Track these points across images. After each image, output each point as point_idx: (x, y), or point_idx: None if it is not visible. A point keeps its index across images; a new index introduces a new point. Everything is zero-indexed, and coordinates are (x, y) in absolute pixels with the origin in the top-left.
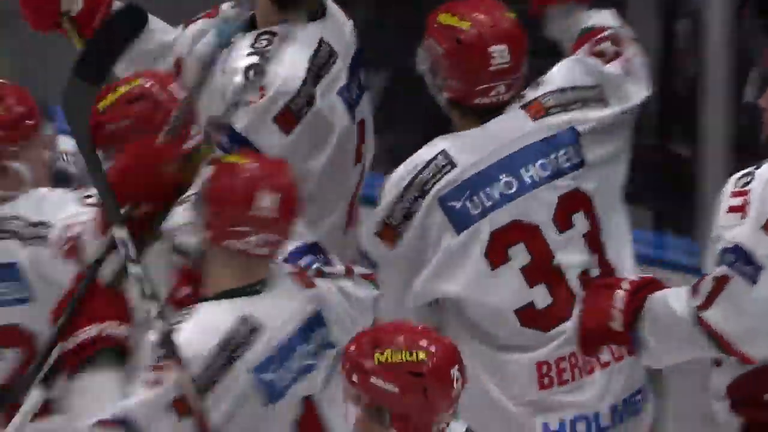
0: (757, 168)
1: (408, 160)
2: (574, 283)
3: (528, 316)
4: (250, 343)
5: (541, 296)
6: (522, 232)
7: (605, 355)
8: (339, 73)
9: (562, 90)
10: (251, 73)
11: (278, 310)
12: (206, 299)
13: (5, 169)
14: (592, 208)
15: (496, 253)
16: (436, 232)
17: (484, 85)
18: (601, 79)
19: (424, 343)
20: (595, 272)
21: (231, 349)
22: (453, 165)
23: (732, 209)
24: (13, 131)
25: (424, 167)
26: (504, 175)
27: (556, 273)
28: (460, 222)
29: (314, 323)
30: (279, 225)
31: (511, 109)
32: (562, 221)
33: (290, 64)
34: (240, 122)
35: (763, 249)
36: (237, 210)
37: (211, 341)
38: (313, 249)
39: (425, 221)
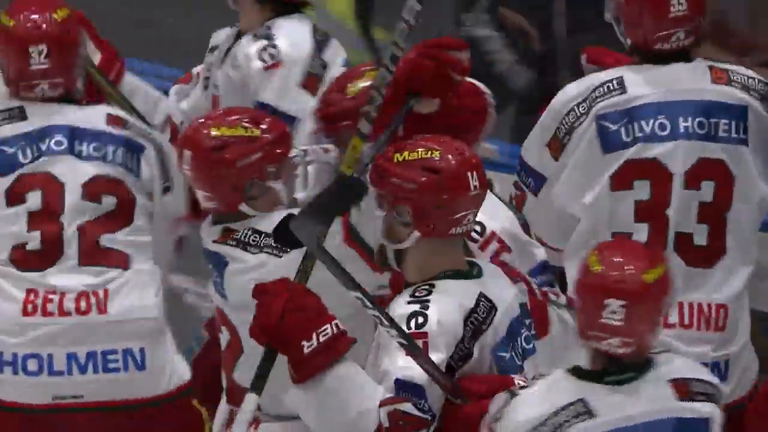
0: None
1: (585, 78)
2: (671, 237)
3: None
4: (489, 322)
5: (640, 233)
6: (654, 171)
7: (672, 317)
8: (338, 49)
9: (753, 78)
10: (264, 53)
11: (501, 294)
12: (424, 281)
13: (268, 190)
14: (729, 187)
15: (622, 179)
16: (585, 146)
17: (664, 32)
18: None
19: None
20: (700, 242)
21: (475, 324)
22: (623, 91)
23: None
24: (274, 151)
25: (599, 86)
26: (662, 117)
27: (662, 221)
28: (609, 143)
29: (526, 314)
30: (482, 197)
31: (698, 64)
32: (691, 179)
33: (294, 35)
34: (268, 96)
35: None
36: (459, 198)
37: (459, 316)
38: (547, 269)
39: (582, 135)
